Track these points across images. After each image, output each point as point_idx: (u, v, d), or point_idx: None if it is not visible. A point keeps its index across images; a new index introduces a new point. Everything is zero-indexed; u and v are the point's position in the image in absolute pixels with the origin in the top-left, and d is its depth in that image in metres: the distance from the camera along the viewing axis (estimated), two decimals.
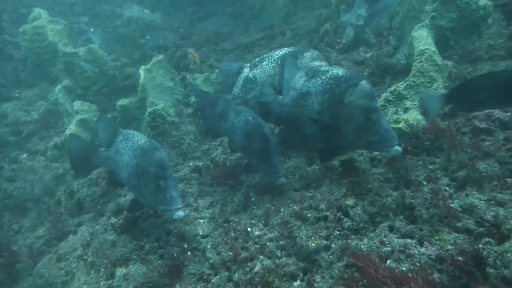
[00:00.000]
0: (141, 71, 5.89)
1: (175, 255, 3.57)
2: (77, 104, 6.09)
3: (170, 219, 3.68)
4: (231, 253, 3.39)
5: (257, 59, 4.50)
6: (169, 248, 3.67)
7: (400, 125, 3.77)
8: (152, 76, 6.08)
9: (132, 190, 3.89)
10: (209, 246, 3.55)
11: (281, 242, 3.34)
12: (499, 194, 2.87)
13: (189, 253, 3.59)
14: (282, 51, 4.37)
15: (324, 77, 3.47)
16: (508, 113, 3.40)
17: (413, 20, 4.72)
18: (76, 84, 6.62)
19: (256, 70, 4.43)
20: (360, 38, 5.54)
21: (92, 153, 4.07)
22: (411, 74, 4.10)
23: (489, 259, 2.45)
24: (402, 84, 4.08)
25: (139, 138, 3.81)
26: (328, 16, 6.48)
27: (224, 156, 4.98)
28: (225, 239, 3.55)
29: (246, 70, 4.56)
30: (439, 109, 3.51)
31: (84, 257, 4.00)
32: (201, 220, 3.91)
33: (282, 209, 3.63)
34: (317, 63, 4.14)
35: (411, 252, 2.77)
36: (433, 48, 4.14)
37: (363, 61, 5.38)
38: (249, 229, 3.58)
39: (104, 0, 8.74)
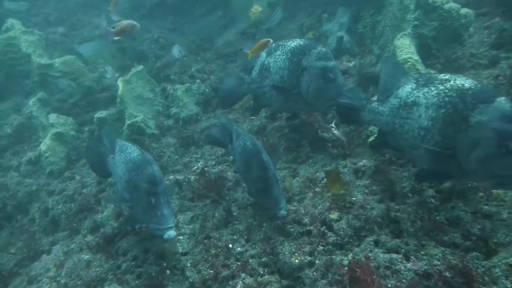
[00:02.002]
0: (120, 83, 5.74)
1: (153, 274, 3.41)
2: (53, 118, 5.88)
3: (157, 237, 3.51)
4: (211, 271, 3.24)
5: (273, 45, 4.30)
6: (147, 267, 3.50)
7: None
8: (131, 87, 5.92)
9: (126, 204, 3.73)
10: (189, 264, 3.39)
11: (263, 259, 3.21)
12: (485, 206, 2.81)
13: (168, 272, 3.43)
14: (293, 43, 4.09)
15: (442, 87, 2.84)
16: None
17: (395, 29, 4.70)
18: (52, 97, 6.42)
19: (271, 58, 4.21)
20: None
21: (105, 159, 3.98)
22: None
23: (477, 275, 2.36)
24: None
25: (132, 151, 3.64)
26: (311, 25, 6.43)
27: (206, 169, 4.84)
28: (205, 256, 3.40)
29: (263, 55, 4.34)
30: None
31: (57, 279, 3.80)
32: (181, 237, 3.75)
33: (264, 224, 3.50)
34: (321, 63, 3.82)
35: (397, 268, 2.68)
36: (416, 57, 4.11)
37: (346, 70, 5.32)
38: (230, 245, 3.44)
39: (81, 10, 8.58)
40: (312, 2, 6.70)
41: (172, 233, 3.26)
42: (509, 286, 2.20)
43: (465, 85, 2.77)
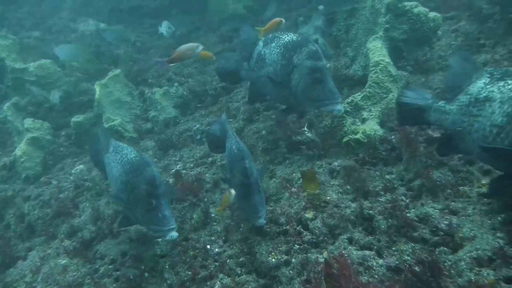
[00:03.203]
0: (97, 86, 5.71)
1: (131, 277, 3.41)
2: (28, 122, 5.80)
3: (162, 239, 3.51)
4: (189, 273, 3.28)
5: (270, 35, 4.22)
6: (125, 270, 3.51)
7: (357, 136, 3.80)
8: (109, 91, 5.90)
9: (122, 204, 3.69)
10: (167, 266, 3.42)
11: (241, 259, 3.27)
12: (453, 203, 2.92)
13: (146, 274, 3.45)
14: (287, 37, 4.02)
15: None
16: None
17: (368, 32, 4.82)
18: (27, 101, 6.33)
19: (266, 49, 4.13)
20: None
21: (101, 157, 3.94)
22: (367, 85, 4.16)
23: (445, 268, 2.46)
24: (359, 95, 4.13)
25: (129, 152, 3.61)
26: (287, 28, 6.51)
27: (184, 171, 4.87)
28: (183, 258, 3.44)
29: (260, 45, 4.25)
30: None
31: (33, 284, 3.76)
32: (159, 239, 3.77)
33: (242, 225, 3.55)
34: (311, 62, 3.74)
35: (370, 264, 2.76)
36: (388, 59, 4.22)
37: None
38: (208, 246, 3.48)
39: (57, 14, 8.47)
40: (288, 5, 6.79)
41: (174, 234, 3.24)
42: (472, 278, 2.30)
43: None
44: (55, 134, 6.12)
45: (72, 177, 5.20)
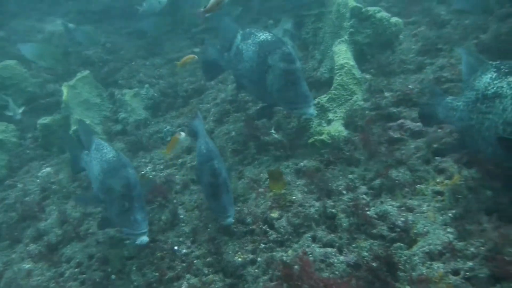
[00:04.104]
0: (64, 88, 5.63)
1: (97, 280, 3.41)
2: None
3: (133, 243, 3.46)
4: (156, 274, 3.31)
5: (247, 30, 4.20)
6: (91, 273, 3.50)
7: (322, 137, 3.90)
8: (77, 92, 5.82)
9: (101, 204, 3.68)
10: (134, 268, 3.43)
11: (208, 259, 3.32)
12: (409, 200, 3.06)
13: (113, 277, 3.45)
14: (263, 35, 4.01)
15: None
16: (418, 123, 3.64)
17: (334, 36, 4.94)
18: None
19: (244, 44, 4.12)
20: None
21: (80, 155, 3.94)
22: (332, 87, 4.27)
23: (400, 263, 2.58)
24: (325, 97, 4.24)
25: (108, 151, 3.58)
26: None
27: (154, 173, 4.87)
28: (151, 259, 3.45)
29: (238, 38, 4.23)
30: None
31: None
32: (128, 241, 3.77)
33: (210, 225, 3.60)
34: (284, 65, 3.74)
35: (331, 261, 2.85)
36: (352, 62, 4.35)
37: None
38: (176, 247, 3.52)
39: (25, 14, 8.28)
40: (258, 9, 6.87)
41: (145, 239, 3.23)
42: (424, 271, 2.42)
43: None
44: (21, 137, 6.00)
45: (38, 180, 5.11)
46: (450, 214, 2.73)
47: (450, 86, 3.75)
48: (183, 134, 3.26)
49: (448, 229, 2.62)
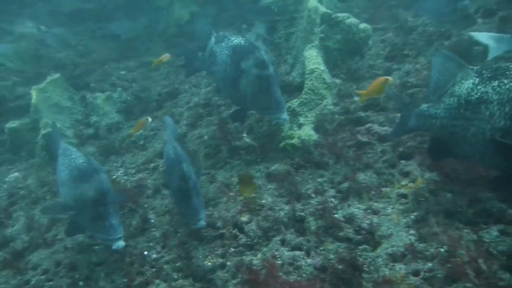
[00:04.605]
0: (33, 91, 5.52)
1: (64, 287, 3.35)
2: None
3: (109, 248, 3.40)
4: (125, 280, 3.28)
5: (221, 32, 4.21)
6: (58, 280, 3.44)
7: (293, 141, 3.95)
8: (47, 95, 5.72)
9: (70, 211, 3.54)
10: (102, 274, 3.39)
11: (178, 264, 3.31)
12: (375, 203, 3.12)
13: (81, 283, 3.40)
14: (236, 40, 4.02)
15: None
16: (385, 128, 3.73)
17: (305, 41, 5.00)
18: None
19: (217, 47, 4.13)
20: None
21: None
22: (303, 91, 4.33)
23: (365, 265, 2.64)
24: (296, 101, 4.29)
25: (77, 157, 3.52)
26: None
27: (126, 177, 4.83)
28: (120, 265, 3.42)
29: (212, 40, 4.24)
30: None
31: None
32: (97, 247, 3.72)
33: (180, 230, 3.59)
34: (257, 71, 3.77)
35: (299, 264, 2.89)
36: (322, 67, 4.42)
37: None
38: (146, 252, 3.49)
39: None
40: (233, 13, 6.91)
41: (121, 243, 3.20)
42: (387, 273, 2.48)
43: None
44: None
45: (6, 185, 4.99)
46: (412, 216, 2.80)
47: (415, 91, 3.86)
48: (149, 119, 3.59)
49: (411, 231, 2.69)
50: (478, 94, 2.48)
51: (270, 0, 5.38)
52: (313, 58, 4.49)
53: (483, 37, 3.21)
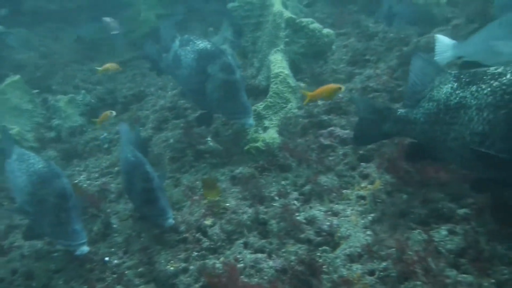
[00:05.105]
0: None
1: None
2: None
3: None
4: (85, 287, 3.21)
5: (186, 36, 4.18)
6: None
7: (257, 144, 3.97)
8: (6, 98, 5.56)
9: (27, 217, 3.49)
10: (61, 282, 3.31)
11: (140, 269, 3.27)
12: (336, 205, 3.18)
13: None
14: (202, 44, 3.98)
15: (496, 83, 2.31)
16: (347, 131, 3.81)
17: (271, 45, 5.05)
18: None
19: (182, 51, 4.09)
20: None
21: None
22: (268, 95, 4.37)
23: (324, 266, 2.68)
24: (261, 105, 4.32)
25: (36, 161, 3.41)
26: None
27: (89, 181, 4.73)
28: (79, 272, 3.35)
29: (177, 43, 4.20)
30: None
31: None
32: (56, 254, 3.63)
33: (143, 234, 3.55)
34: (224, 76, 3.78)
35: (261, 266, 2.90)
36: (287, 71, 4.47)
37: None
38: (107, 258, 3.43)
39: None
40: (201, 16, 6.90)
41: (85, 248, 3.14)
42: (345, 273, 2.54)
43: None
44: None
45: None
46: (369, 217, 2.88)
47: (375, 96, 3.97)
48: (113, 112, 3.80)
49: (368, 232, 2.76)
50: (457, 99, 2.47)
51: (236, 3, 5.38)
52: (278, 62, 4.54)
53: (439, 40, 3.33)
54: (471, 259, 2.18)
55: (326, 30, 4.64)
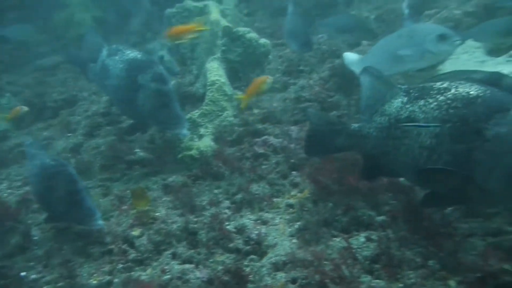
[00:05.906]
0: None
1: None
2: None
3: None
4: None
5: (114, 46, 4.08)
6: None
7: (191, 152, 3.92)
8: None
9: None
10: None
11: (59, 284, 3.07)
12: (266, 213, 3.19)
13: None
14: (132, 53, 3.93)
15: (442, 98, 2.37)
16: (279, 139, 3.86)
17: (209, 52, 5.03)
18: None
19: (110, 60, 3.97)
20: None
21: None
22: (204, 103, 4.33)
23: (250, 275, 2.67)
24: (197, 112, 4.28)
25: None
26: (136, 43, 6.47)
27: (10, 190, 4.43)
28: None
29: (104, 53, 4.07)
30: None
31: None
32: None
33: (65, 247, 3.36)
34: (156, 86, 3.77)
35: (188, 277, 2.83)
36: (224, 79, 4.46)
37: None
38: (23, 273, 3.20)
39: None
40: (139, 20, 6.76)
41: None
42: (269, 282, 2.54)
43: (471, 92, 2.30)
44: None
45: None
46: (296, 225, 2.91)
47: (308, 105, 4.06)
48: (25, 108, 3.94)
49: (293, 240, 2.79)
50: (407, 113, 2.51)
51: (174, 10, 5.32)
52: (214, 70, 4.52)
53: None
54: (383, 265, 2.27)
55: (263, 40, 4.70)
